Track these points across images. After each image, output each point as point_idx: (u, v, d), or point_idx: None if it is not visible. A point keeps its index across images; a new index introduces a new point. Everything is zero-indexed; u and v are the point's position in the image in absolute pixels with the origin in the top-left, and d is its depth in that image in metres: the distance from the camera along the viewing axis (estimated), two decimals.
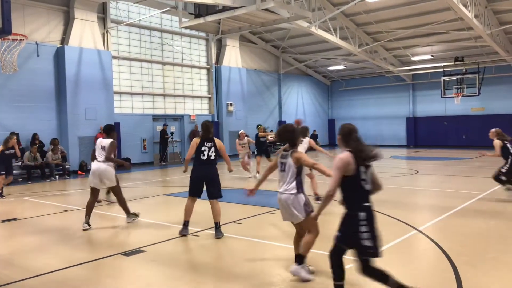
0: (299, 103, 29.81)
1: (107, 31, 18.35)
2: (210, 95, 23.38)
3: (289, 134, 4.97)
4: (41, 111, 16.21)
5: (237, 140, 14.93)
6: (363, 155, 4.02)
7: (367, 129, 30.58)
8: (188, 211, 6.72)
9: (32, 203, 10.28)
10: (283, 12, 16.20)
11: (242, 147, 14.60)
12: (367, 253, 3.91)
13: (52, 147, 15.25)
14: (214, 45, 23.24)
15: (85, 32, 17.10)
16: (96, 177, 7.44)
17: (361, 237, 3.88)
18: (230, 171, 7.43)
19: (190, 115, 22.11)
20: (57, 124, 16.64)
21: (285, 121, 27.66)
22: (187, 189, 7.04)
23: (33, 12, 15.99)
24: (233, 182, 13.54)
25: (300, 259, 4.87)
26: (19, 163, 14.85)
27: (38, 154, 14.93)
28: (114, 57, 18.61)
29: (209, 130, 6.69)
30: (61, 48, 16.59)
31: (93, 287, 4.80)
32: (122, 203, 7.69)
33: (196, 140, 6.62)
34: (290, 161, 4.85)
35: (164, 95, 21.23)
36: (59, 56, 16.61)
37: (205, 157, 6.54)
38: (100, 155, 7.48)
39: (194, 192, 6.67)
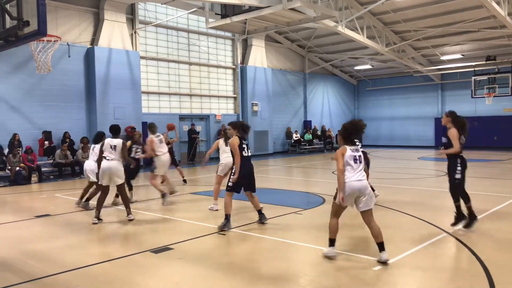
0: (325, 103, 29.61)
1: (135, 32, 18.67)
2: (235, 95, 23.49)
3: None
4: (71, 110, 16.64)
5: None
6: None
7: (393, 129, 30.19)
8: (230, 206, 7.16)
9: (64, 199, 10.57)
10: (309, 11, 16.12)
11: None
12: None
13: (82, 145, 15.61)
14: (240, 45, 23.34)
15: (114, 33, 17.45)
16: (107, 175, 7.76)
17: None
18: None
19: (216, 115, 22.27)
20: (87, 123, 17.04)
21: (310, 121, 27.56)
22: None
23: (65, 14, 16.42)
24: (259, 182, 13.55)
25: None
26: (51, 161, 15.30)
27: (68, 152, 15.33)
28: (142, 57, 18.93)
29: (247, 130, 7.34)
30: (91, 48, 16.99)
31: (124, 284, 4.91)
32: (126, 200, 7.98)
33: (236, 140, 7.10)
34: (361, 153, 5.57)
35: (191, 95, 21.46)
36: (89, 57, 17.01)
37: (247, 154, 7.17)
38: (110, 154, 7.79)
39: (238, 188, 7.17)
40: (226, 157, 8.72)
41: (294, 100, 27.07)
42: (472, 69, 24.22)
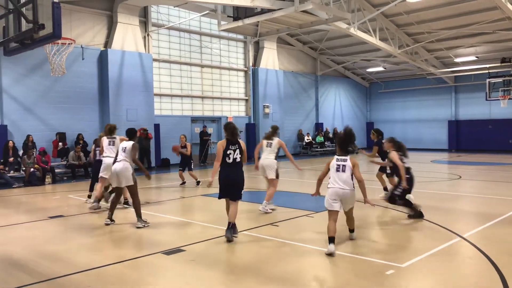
0: (337, 105, 29.49)
1: (148, 35, 18.82)
2: (247, 97, 23.52)
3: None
4: (85, 112, 16.82)
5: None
6: None
7: (406, 132, 29.88)
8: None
9: (77, 200, 10.67)
10: (322, 13, 16.10)
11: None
12: None
13: (95, 146, 15.73)
14: (252, 47, 23.38)
15: (127, 35, 17.61)
16: (115, 176, 7.72)
17: None
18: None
19: (227, 117, 22.32)
20: (100, 125, 17.19)
21: (322, 124, 27.47)
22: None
23: (79, 17, 16.62)
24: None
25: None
26: (64, 162, 15.47)
27: (82, 154, 15.48)
28: (154, 60, 19.06)
29: (236, 132, 6.72)
30: (105, 51, 17.16)
31: (135, 285, 4.93)
32: (137, 205, 7.67)
33: (222, 143, 6.60)
34: (348, 163, 6.09)
35: (203, 97, 21.54)
36: (102, 59, 17.18)
37: (230, 160, 6.55)
38: (120, 155, 7.76)
39: (224, 195, 6.70)
40: (264, 158, 9.03)
41: (305, 102, 27.01)
42: (487, 71, 23.92)
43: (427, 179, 14.14)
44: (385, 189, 10.42)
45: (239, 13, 15.68)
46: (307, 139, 25.60)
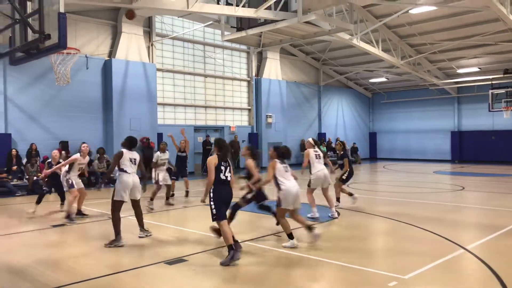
0: (339, 116, 29.51)
1: (152, 44, 18.95)
2: (250, 107, 23.58)
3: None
4: (88, 121, 16.89)
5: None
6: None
7: (409, 142, 29.89)
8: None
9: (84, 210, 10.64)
10: (325, 24, 16.18)
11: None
12: None
13: (98, 156, 15.82)
14: (255, 57, 23.50)
15: (131, 45, 17.74)
16: (129, 190, 7.29)
17: None
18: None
19: (230, 126, 22.37)
20: (103, 134, 17.26)
21: (324, 134, 27.48)
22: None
23: (84, 27, 16.77)
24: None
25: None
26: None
27: None
28: (158, 70, 19.17)
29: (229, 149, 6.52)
30: (109, 61, 17.28)
31: None
32: (139, 214, 7.58)
33: (213, 159, 6.24)
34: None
35: (206, 107, 21.62)
36: (106, 69, 17.30)
37: (225, 178, 6.22)
38: (130, 167, 7.33)
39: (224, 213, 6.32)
40: (317, 171, 9.04)
41: (308, 113, 27.05)
42: (490, 82, 23.93)
43: (430, 190, 14.10)
44: (338, 199, 10.60)
45: (243, 23, 15.79)
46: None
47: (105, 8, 17.03)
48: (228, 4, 14.90)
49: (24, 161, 14.55)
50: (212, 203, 6.18)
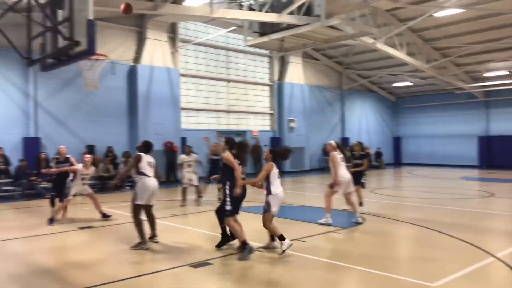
0: (362, 120, 29.22)
1: (176, 50, 19.21)
2: (272, 111, 23.60)
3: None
4: (114, 125, 17.22)
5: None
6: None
7: (434, 147, 29.32)
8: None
9: (106, 212, 10.84)
10: (348, 28, 16.10)
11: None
12: None
13: (124, 159, 16.09)
14: (277, 62, 23.54)
15: (156, 51, 18.03)
16: (150, 193, 7.28)
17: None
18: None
19: (252, 131, 22.43)
20: (129, 138, 17.54)
21: (347, 138, 27.27)
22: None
23: (111, 33, 17.13)
24: (296, 199, 13.48)
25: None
26: (94, 174, 15.80)
27: (110, 166, 15.80)
28: (182, 75, 19.40)
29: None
30: (134, 66, 17.60)
31: None
32: (153, 220, 7.58)
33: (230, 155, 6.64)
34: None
35: (228, 111, 21.75)
36: (132, 74, 17.62)
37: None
38: (149, 171, 7.34)
39: (238, 209, 6.79)
40: (343, 174, 8.89)
41: (331, 117, 26.89)
42: None
43: (457, 196, 13.80)
44: (361, 204, 10.42)
45: (265, 28, 15.85)
46: (345, 154, 25.37)
47: (131, 15, 17.33)
48: (251, 9, 15.00)
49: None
50: (228, 199, 6.52)
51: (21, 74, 15.09)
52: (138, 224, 7.17)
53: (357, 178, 10.21)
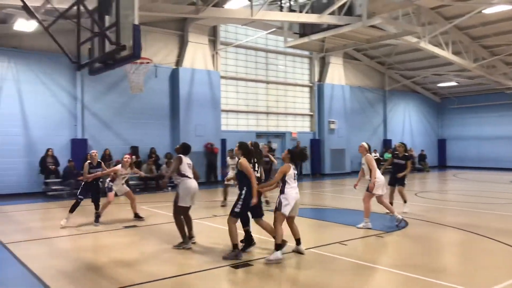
0: (406, 121, 28.47)
1: (216, 53, 19.45)
2: (312, 113, 23.43)
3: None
4: (157, 128, 17.66)
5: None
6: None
7: (481, 150, 28.13)
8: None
9: (149, 212, 11.14)
10: (390, 28, 15.76)
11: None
12: None
13: (166, 160, 16.45)
14: (317, 63, 23.35)
15: (197, 54, 18.34)
16: (193, 195, 7.33)
17: None
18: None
19: (291, 132, 22.35)
20: (171, 140, 17.92)
21: (390, 140, 26.65)
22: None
23: (153, 37, 17.59)
24: (336, 201, 13.32)
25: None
26: (137, 175, 16.25)
27: (153, 167, 16.20)
28: (222, 77, 19.63)
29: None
30: (176, 69, 17.97)
31: None
32: (190, 221, 7.56)
33: (246, 161, 6.62)
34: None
35: (267, 113, 21.78)
36: (174, 77, 18.00)
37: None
38: (190, 172, 7.40)
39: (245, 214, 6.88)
40: (380, 176, 8.84)
41: (373, 118, 26.37)
42: None
43: (506, 200, 13.17)
44: (405, 201, 10.65)
45: (306, 29, 15.76)
46: (374, 156, 24.85)
47: (173, 19, 17.76)
48: (291, 10, 14.97)
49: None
50: (241, 202, 6.51)
51: (69, 78, 15.78)
52: (180, 224, 7.30)
53: (400, 180, 10.41)
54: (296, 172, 6.69)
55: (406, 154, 10.86)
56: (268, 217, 6.88)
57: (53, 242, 7.91)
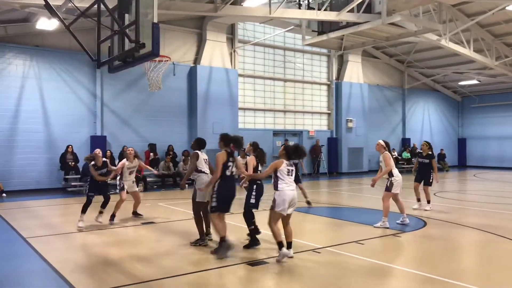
0: (425, 120, 28.06)
1: (234, 51, 19.49)
2: (329, 111, 23.29)
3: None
4: (174, 125, 17.80)
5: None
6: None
7: (504, 150, 27.56)
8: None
9: (166, 208, 11.25)
10: (410, 25, 15.55)
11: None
12: None
13: (184, 158, 16.57)
14: (335, 61, 23.18)
15: (215, 52, 18.40)
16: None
17: None
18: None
19: (308, 131, 22.26)
20: (188, 137, 18.04)
21: (409, 139, 26.32)
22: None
23: (172, 35, 17.72)
24: (353, 200, 13.23)
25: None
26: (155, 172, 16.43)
27: (171, 164, 16.34)
28: (240, 75, 19.66)
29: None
30: (194, 67, 18.07)
31: None
32: (208, 217, 7.48)
33: (223, 155, 6.75)
34: (293, 168, 6.60)
35: (285, 111, 21.74)
36: (191, 75, 18.11)
37: (229, 174, 6.79)
38: (206, 167, 7.49)
39: (226, 207, 6.82)
40: (398, 174, 8.82)
41: (391, 117, 26.07)
42: None
43: None
44: (429, 201, 10.89)
45: (324, 27, 15.67)
46: (393, 155, 24.60)
47: (191, 17, 17.86)
48: (309, 8, 14.89)
49: (117, 162, 15.65)
50: (215, 195, 6.62)
51: (89, 76, 16.02)
52: (199, 221, 7.34)
53: (427, 178, 10.78)
54: (291, 168, 6.44)
55: (430, 153, 10.89)
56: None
57: (72, 237, 8.06)
